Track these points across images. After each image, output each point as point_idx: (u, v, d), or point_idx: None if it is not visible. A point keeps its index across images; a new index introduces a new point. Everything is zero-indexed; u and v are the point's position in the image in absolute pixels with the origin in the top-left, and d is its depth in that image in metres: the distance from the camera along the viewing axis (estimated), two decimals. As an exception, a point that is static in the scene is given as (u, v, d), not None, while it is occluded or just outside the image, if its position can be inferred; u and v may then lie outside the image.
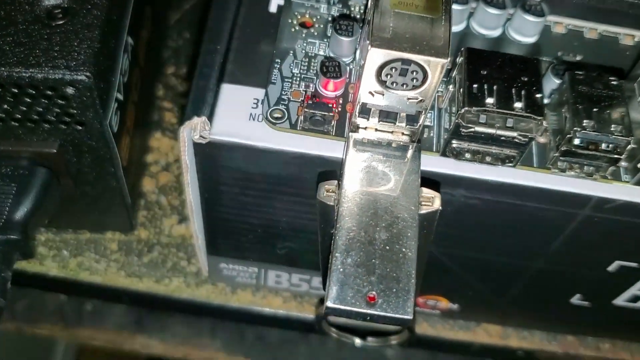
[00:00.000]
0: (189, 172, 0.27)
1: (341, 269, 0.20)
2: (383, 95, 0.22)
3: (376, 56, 0.20)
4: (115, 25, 0.30)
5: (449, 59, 0.20)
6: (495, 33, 0.28)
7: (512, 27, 0.28)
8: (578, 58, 0.28)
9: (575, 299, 0.34)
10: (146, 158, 0.41)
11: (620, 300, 0.33)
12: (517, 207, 0.26)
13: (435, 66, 0.20)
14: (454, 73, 0.24)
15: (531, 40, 0.28)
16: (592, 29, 0.29)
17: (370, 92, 0.22)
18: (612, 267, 0.30)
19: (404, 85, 0.21)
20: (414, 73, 0.21)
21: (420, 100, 0.22)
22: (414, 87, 0.21)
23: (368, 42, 0.20)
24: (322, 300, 0.37)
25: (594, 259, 0.30)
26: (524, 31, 0.28)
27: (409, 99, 0.22)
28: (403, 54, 0.20)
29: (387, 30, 0.21)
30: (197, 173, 0.27)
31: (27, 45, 0.27)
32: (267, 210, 0.29)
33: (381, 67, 0.21)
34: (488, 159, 0.24)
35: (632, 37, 0.29)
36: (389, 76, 0.21)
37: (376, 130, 0.24)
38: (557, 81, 0.26)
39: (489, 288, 0.34)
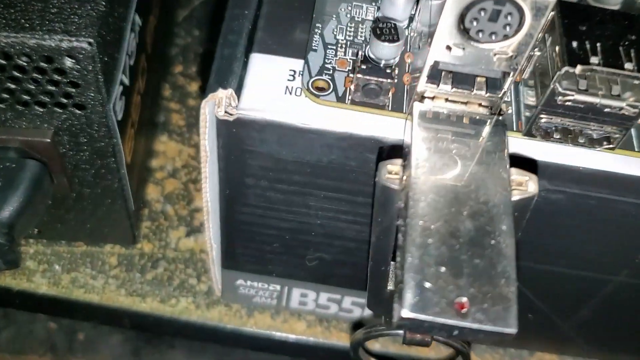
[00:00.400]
0: (209, 161, 0.23)
1: (419, 267, 0.15)
2: (464, 49, 0.17)
3: (462, -8, 0.16)
4: (123, -5, 0.26)
5: (554, -3, 0.16)
6: None
7: (594, -8, 0.24)
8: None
9: (655, 323, 0.29)
10: (151, 163, 0.37)
11: None
12: (609, 203, 0.22)
13: (537, 6, 0.16)
14: (542, 33, 0.20)
15: (615, 6, 0.24)
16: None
17: (447, 47, 0.17)
18: None
19: (493, 35, 0.17)
20: (509, 17, 0.16)
21: (511, 57, 0.17)
22: (505, 38, 0.17)
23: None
24: (356, 326, 0.32)
25: (688, 272, 0.25)
26: (608, -3, 0.24)
27: (495, 53, 0.17)
28: (498, -12, 0.16)
29: (474, -39, 0.16)
30: (219, 162, 0.23)
31: (19, 7, 0.22)
32: (299, 209, 0.24)
33: (465, 12, 0.16)
34: (581, 140, 0.20)
35: None
36: (474, 22, 0.17)
37: (447, 100, 0.19)
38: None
39: (554, 309, 0.29)
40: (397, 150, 0.19)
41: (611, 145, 0.20)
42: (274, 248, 0.27)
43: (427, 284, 0.15)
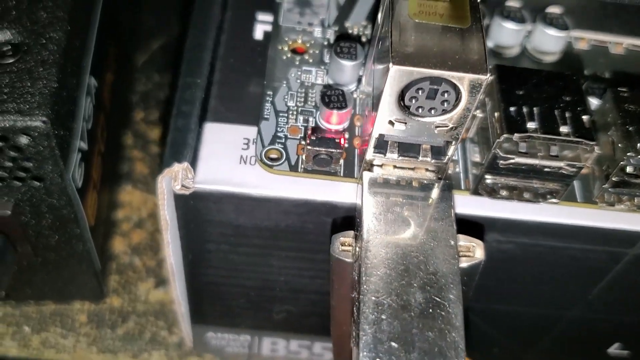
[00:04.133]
0: (169, 229, 0.23)
1: (372, 345, 0.16)
2: (405, 124, 0.18)
3: (399, 76, 0.17)
4: (75, 63, 0.26)
5: (488, 75, 0.17)
6: (513, 51, 0.25)
7: (532, 43, 0.25)
8: (607, 75, 0.25)
9: (614, 349, 0.30)
10: (116, 215, 0.37)
11: (664, 348, 0.29)
12: (558, 250, 0.23)
13: (473, 85, 0.17)
14: (482, 95, 0.21)
15: (554, 58, 0.25)
16: (618, 44, 0.26)
17: (390, 122, 0.18)
18: (659, 311, 0.26)
19: (432, 110, 0.18)
20: (445, 94, 0.17)
21: (451, 128, 0.18)
22: (444, 112, 0.18)
23: (388, 60, 0.17)
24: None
25: (639, 303, 0.26)
26: (546, 47, 0.24)
27: (437, 126, 0.18)
28: (433, 70, 0.16)
29: (409, 43, 0.17)
30: (179, 230, 0.23)
31: (-29, 89, 0.23)
32: (263, 269, 0.25)
33: (404, 90, 0.17)
34: (527, 195, 0.20)
35: (663, 51, 0.26)
36: (413, 100, 0.17)
37: (395, 167, 0.20)
38: (595, 101, 0.22)
39: (516, 342, 0.29)
40: (350, 220, 0.20)
41: (555, 200, 0.21)
42: (241, 304, 0.27)
43: (381, 361, 0.16)
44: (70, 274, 0.31)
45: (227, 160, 0.21)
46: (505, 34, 0.24)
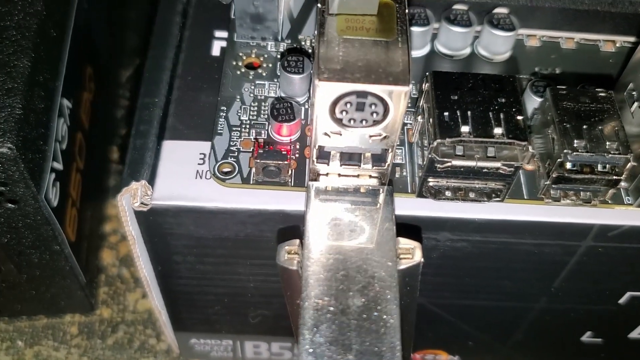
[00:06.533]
0: (137, 243, 0.24)
1: (310, 350, 0.17)
2: (341, 135, 0.19)
3: (326, 91, 0.17)
4: (44, 88, 0.27)
5: (410, 86, 0.17)
6: (464, 53, 0.25)
7: (481, 44, 0.25)
8: (557, 71, 0.26)
9: (587, 337, 0.30)
10: (103, 228, 0.38)
11: (636, 334, 0.30)
12: (511, 246, 0.23)
13: (396, 96, 0.17)
14: (422, 102, 0.21)
15: (504, 57, 0.26)
16: (569, 39, 0.26)
17: (325, 134, 0.19)
18: (623, 300, 0.27)
19: (364, 122, 0.18)
20: (373, 106, 0.18)
21: (385, 137, 0.19)
22: (375, 123, 0.18)
23: (316, 76, 0.18)
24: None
25: (603, 293, 0.27)
26: (495, 48, 0.25)
27: (371, 136, 0.19)
28: (356, 85, 0.17)
29: (335, 60, 0.18)
30: (145, 244, 0.24)
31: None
32: (231, 277, 0.26)
33: (334, 103, 0.18)
34: (472, 195, 0.21)
35: (613, 43, 0.26)
36: (344, 113, 0.18)
37: (339, 175, 0.20)
38: (539, 99, 0.23)
39: (490, 336, 0.30)
40: (297, 230, 0.21)
41: (499, 199, 0.21)
42: (216, 311, 0.28)
43: (319, 364, 0.17)
44: (57, 288, 0.32)
45: (183, 176, 0.22)
46: (454, 38, 0.25)
